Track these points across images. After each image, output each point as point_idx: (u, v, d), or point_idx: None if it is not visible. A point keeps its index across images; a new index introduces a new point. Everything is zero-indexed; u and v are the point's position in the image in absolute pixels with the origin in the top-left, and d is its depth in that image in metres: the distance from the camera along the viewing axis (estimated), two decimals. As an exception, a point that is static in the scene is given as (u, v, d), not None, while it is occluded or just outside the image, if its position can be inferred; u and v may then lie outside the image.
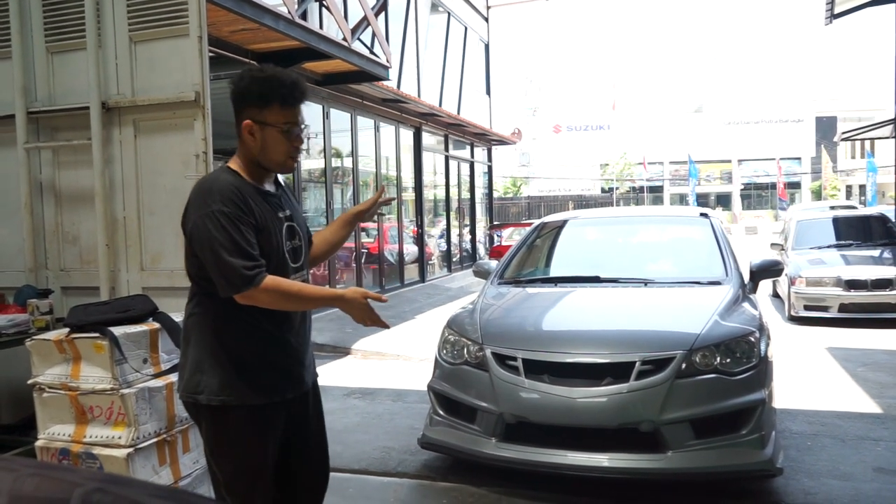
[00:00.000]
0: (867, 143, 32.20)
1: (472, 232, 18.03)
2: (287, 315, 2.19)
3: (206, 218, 2.04)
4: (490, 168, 19.99)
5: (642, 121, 48.68)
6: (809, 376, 6.02)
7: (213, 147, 4.03)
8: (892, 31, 10.96)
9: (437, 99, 15.04)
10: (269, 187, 2.24)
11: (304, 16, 8.23)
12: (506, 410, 3.50)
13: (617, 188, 45.20)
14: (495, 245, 16.89)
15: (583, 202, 35.70)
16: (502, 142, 19.67)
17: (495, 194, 27.28)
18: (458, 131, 16.25)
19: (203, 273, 2.10)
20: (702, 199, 41.48)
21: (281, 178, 2.42)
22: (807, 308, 8.68)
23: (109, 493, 1.03)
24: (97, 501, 1.03)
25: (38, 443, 3.02)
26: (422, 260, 14.15)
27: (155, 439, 2.98)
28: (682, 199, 44.60)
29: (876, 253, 9.20)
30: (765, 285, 10.29)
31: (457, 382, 3.80)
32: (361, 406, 5.42)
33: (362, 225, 11.76)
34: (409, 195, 14.06)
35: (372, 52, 9.65)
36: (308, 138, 3.05)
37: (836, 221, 10.50)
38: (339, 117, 10.68)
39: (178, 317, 3.24)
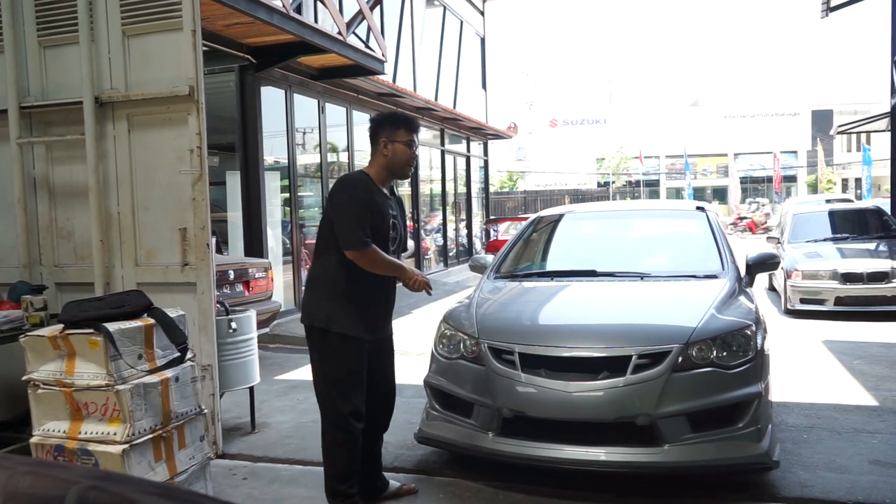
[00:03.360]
0: (863, 136, 32.23)
1: (469, 226, 18.01)
2: None
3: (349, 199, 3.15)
4: (486, 162, 19.96)
5: (639, 115, 48.65)
6: (805, 369, 6.03)
7: (207, 142, 4.02)
8: (887, 25, 10.95)
9: (433, 93, 15.00)
10: (386, 191, 3.26)
11: (298, 9, 8.20)
12: (502, 405, 3.50)
13: (613, 182, 45.20)
14: (491, 239, 16.88)
15: (579, 196, 35.68)
16: (498, 136, 19.63)
17: (491, 188, 27.27)
18: (454, 125, 16.21)
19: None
20: (698, 194, 41.49)
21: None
22: (803, 301, 8.70)
23: (105, 490, 1.02)
24: (92, 499, 1.02)
25: (33, 439, 3.01)
26: (418, 255, 14.13)
27: (150, 435, 2.98)
28: (677, 194, 44.61)
29: (872, 246, 9.22)
30: (761, 279, 10.31)
31: (453, 377, 3.79)
32: (358, 401, 5.41)
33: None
34: (405, 190, 14.03)
35: (367, 46, 9.62)
36: (304, 133, 3.35)
37: (832, 215, 10.51)
38: (335, 112, 10.65)
39: (172, 312, 3.23)
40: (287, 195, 9.37)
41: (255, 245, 8.42)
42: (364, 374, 3.22)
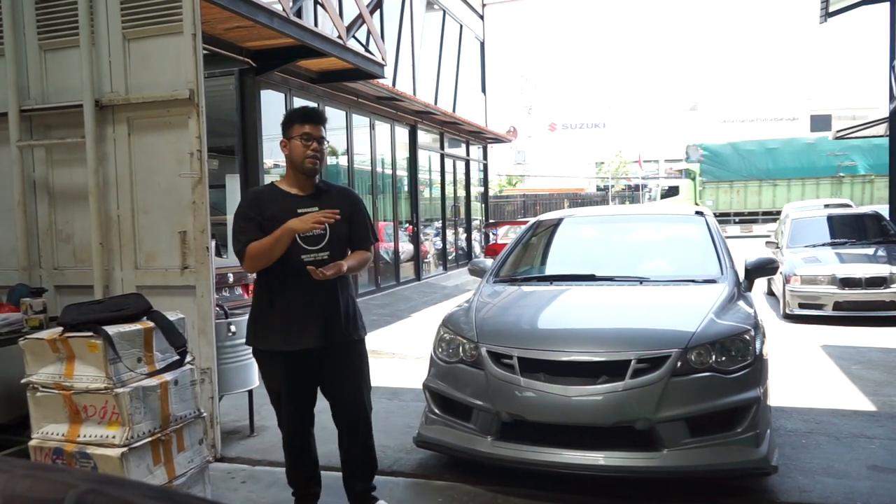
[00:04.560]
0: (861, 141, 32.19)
1: (468, 230, 18.03)
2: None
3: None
4: (485, 166, 19.98)
5: (638, 119, 48.71)
6: (804, 374, 6.03)
7: (207, 145, 4.02)
8: (885, 30, 10.99)
9: (433, 97, 15.03)
10: (300, 192, 3.12)
11: (298, 13, 8.21)
12: (501, 409, 3.50)
13: (612, 186, 45.20)
14: (491, 243, 16.89)
15: (578, 200, 35.68)
16: (498, 140, 19.66)
17: (490, 192, 27.31)
18: (454, 129, 16.23)
19: None
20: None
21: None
22: (801, 306, 8.70)
23: (103, 493, 1.02)
24: (91, 502, 1.02)
25: (32, 442, 3.01)
26: (417, 258, 14.14)
27: (149, 438, 2.97)
28: (676, 198, 44.56)
29: (870, 251, 9.23)
30: (760, 283, 10.31)
31: (452, 381, 3.79)
32: (357, 404, 5.40)
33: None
34: (404, 193, 14.05)
35: (367, 50, 9.64)
36: None
37: (831, 220, 10.52)
38: (334, 115, 10.67)
39: (172, 315, 3.23)
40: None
41: (254, 248, 8.41)
42: (291, 388, 3.14)
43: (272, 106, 8.95)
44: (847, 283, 8.44)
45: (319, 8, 9.23)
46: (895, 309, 8.24)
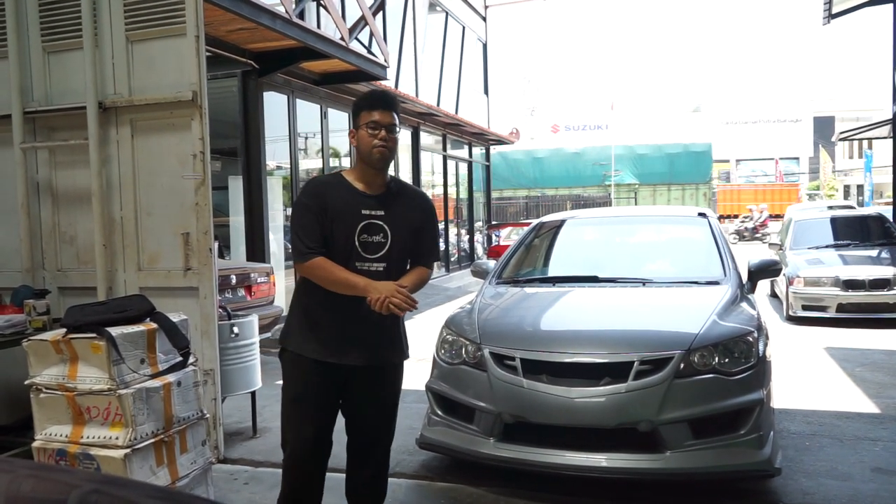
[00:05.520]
0: (865, 142, 32.23)
1: (470, 231, 18.02)
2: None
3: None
4: (488, 168, 19.98)
5: (640, 120, 48.64)
6: (807, 376, 6.02)
7: (210, 147, 4.03)
8: (889, 31, 10.96)
9: (435, 98, 15.03)
10: (367, 189, 2.77)
11: (301, 15, 8.22)
12: (504, 410, 3.50)
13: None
14: (493, 245, 16.88)
15: (580, 202, 35.63)
16: (500, 141, 19.66)
17: (493, 194, 27.30)
18: (456, 131, 16.24)
19: None
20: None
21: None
22: (805, 308, 8.68)
23: (106, 494, 1.03)
24: (94, 503, 1.02)
25: (35, 443, 3.01)
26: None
27: (152, 440, 2.98)
28: (679, 199, 44.54)
29: (874, 253, 9.21)
30: (763, 285, 10.30)
31: (455, 382, 3.79)
32: (359, 406, 5.40)
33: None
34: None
35: (370, 52, 9.64)
36: (306, 138, 3.23)
37: (834, 221, 10.51)
38: (337, 117, 10.66)
39: (175, 317, 3.23)
40: (289, 200, 9.39)
41: (257, 250, 8.43)
42: (319, 399, 2.85)
43: (275, 108, 8.95)
44: (850, 285, 8.43)
45: (322, 10, 9.23)
46: (899, 311, 8.22)
